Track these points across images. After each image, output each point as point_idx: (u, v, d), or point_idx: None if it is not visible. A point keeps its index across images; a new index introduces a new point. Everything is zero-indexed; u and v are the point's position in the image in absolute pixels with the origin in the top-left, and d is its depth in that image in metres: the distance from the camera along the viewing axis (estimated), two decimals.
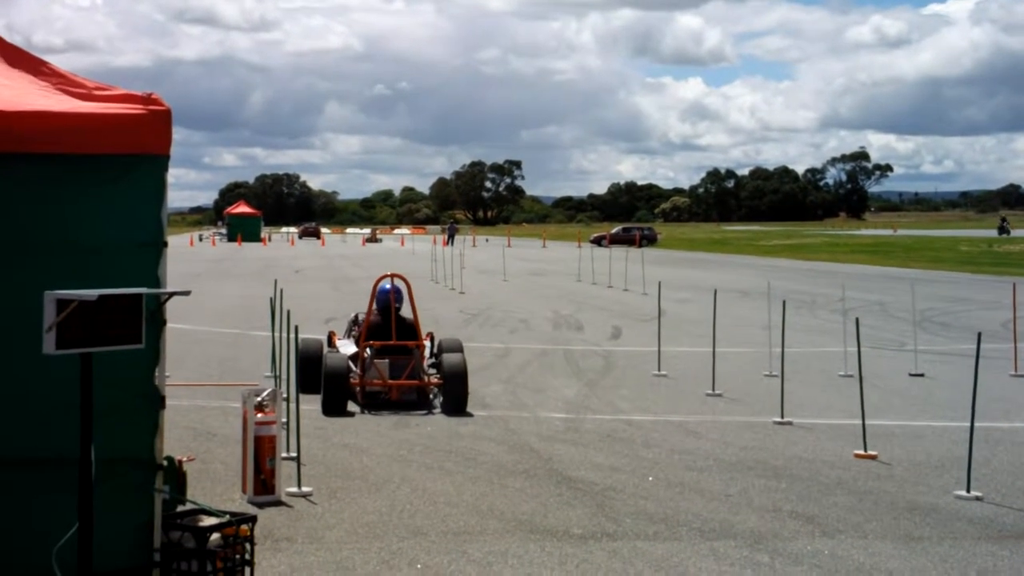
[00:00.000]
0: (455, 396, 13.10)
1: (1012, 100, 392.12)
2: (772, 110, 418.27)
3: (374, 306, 14.09)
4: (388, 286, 14.12)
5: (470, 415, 13.04)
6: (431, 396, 13.66)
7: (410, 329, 14.01)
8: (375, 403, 13.42)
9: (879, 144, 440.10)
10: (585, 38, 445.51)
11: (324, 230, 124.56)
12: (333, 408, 12.93)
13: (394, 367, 13.55)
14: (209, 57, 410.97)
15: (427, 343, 14.36)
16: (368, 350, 13.62)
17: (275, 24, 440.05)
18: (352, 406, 13.32)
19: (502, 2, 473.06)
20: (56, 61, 6.96)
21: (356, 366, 13.69)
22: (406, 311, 14.28)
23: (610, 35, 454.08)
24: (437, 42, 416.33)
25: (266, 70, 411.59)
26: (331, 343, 14.88)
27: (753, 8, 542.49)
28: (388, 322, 13.89)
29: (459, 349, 13.96)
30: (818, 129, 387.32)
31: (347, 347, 14.41)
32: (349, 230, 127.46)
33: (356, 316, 15.34)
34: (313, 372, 13.51)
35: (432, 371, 13.94)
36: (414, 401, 13.50)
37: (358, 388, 13.53)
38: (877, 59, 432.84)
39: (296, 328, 10.46)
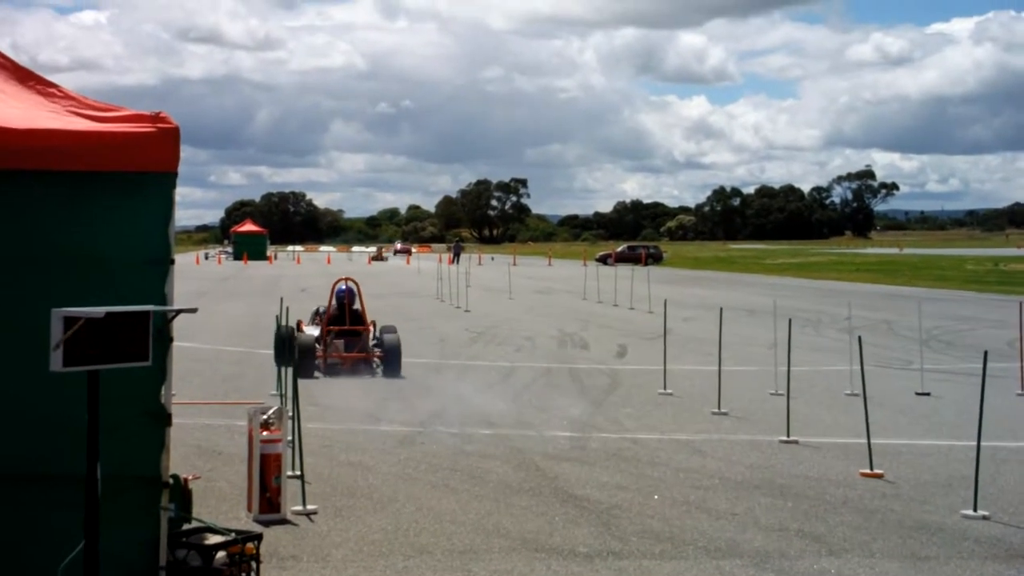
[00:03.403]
0: (392, 365, 18.02)
1: (1016, 119, 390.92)
2: (776, 128, 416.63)
3: (334, 301, 19.36)
4: (344, 287, 19.37)
5: (403, 377, 17.63)
6: (374, 365, 18.46)
7: (359, 318, 19.30)
8: (334, 371, 18.12)
9: (884, 162, 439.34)
10: (588, 57, 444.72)
11: (329, 248, 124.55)
12: (303, 373, 16.43)
13: (348, 345, 18.69)
14: (214, 76, 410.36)
15: (372, 328, 19.21)
16: (329, 333, 18.66)
17: (279, 43, 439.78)
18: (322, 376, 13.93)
19: (504, 21, 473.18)
20: (62, 80, 7.01)
21: (320, 344, 18.46)
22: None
23: (613, 54, 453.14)
24: (440, 61, 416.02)
25: (271, 89, 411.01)
26: (299, 328, 18.89)
27: (756, 27, 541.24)
28: (344, 313, 19.10)
29: (394, 331, 18.73)
30: (822, 147, 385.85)
31: (312, 331, 19.09)
32: (355, 248, 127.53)
33: (318, 308, 20.48)
34: (287, 349, 16.08)
35: (375, 348, 18.62)
36: (362, 369, 18.22)
37: (321, 360, 18.18)
38: (880, 77, 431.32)
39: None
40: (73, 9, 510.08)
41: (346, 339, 18.74)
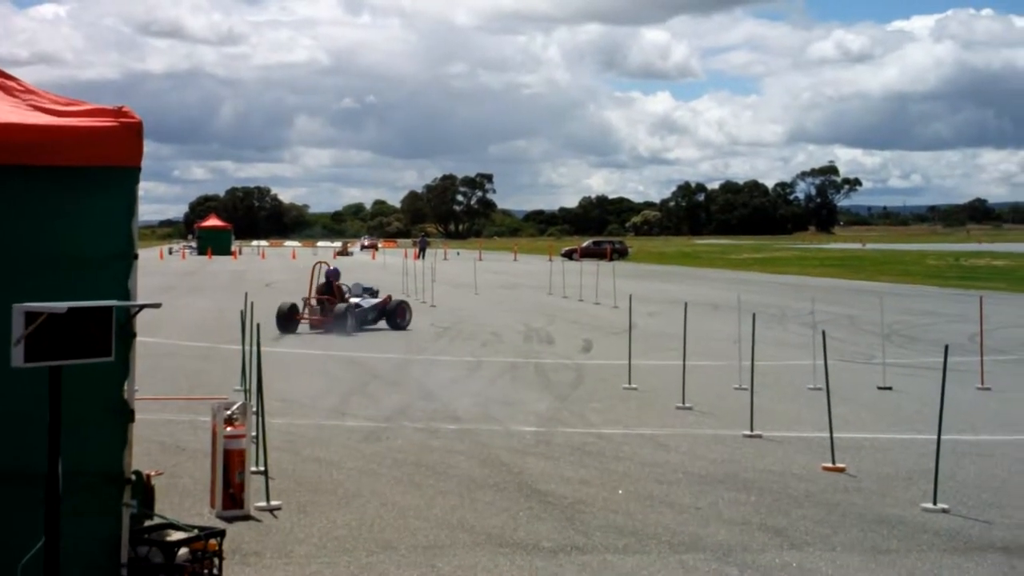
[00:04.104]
0: (338, 324, 24.70)
1: (976, 116, 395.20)
2: (740, 124, 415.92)
3: (322, 277, 26.65)
4: (332, 268, 27.03)
5: (349, 336, 23.82)
6: (333, 324, 24.92)
7: (331, 290, 26.13)
8: (315, 329, 24.96)
9: (846, 158, 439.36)
10: (552, 53, 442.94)
11: (294, 243, 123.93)
12: (288, 329, 24.73)
13: (323, 310, 25.65)
14: (177, 70, 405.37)
15: (352, 297, 26.39)
16: (312, 300, 26.12)
17: (242, 38, 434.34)
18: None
19: (468, 16, 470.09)
20: (22, 74, 6.91)
21: (303, 307, 25.96)
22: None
23: (577, 50, 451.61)
24: (405, 56, 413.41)
25: (234, 83, 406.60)
26: (306, 304, 26.36)
27: (718, 23, 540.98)
28: (327, 285, 26.41)
29: (349, 303, 25.74)
30: (786, 143, 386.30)
31: (300, 303, 26.50)
32: (320, 243, 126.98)
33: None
34: (284, 318, 25.26)
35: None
36: (331, 328, 24.63)
37: (301, 319, 25.42)
38: (842, 74, 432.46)
39: (258, 337, 10.46)
40: (33, 2, 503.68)
41: (321, 305, 25.86)
